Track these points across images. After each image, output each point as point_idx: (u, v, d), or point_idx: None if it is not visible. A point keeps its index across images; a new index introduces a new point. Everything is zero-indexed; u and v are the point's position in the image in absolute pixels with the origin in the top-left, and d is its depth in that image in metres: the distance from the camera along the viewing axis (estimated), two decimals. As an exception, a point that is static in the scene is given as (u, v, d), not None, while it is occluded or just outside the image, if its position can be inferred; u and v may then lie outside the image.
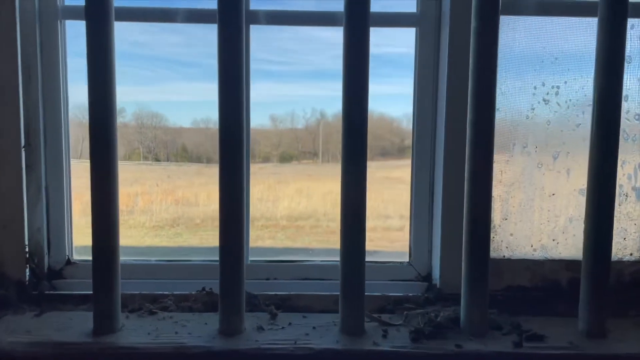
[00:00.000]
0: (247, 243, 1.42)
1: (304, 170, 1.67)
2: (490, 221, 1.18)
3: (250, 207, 1.45)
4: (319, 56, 1.54)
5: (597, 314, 1.19)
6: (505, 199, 1.39)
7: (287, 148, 1.64)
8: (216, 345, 1.12)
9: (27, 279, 1.35)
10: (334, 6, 1.40)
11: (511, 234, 1.40)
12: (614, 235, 1.20)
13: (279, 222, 1.61)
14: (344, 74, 1.13)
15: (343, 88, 1.13)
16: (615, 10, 1.10)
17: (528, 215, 1.40)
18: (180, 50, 1.52)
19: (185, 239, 1.59)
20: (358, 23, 1.11)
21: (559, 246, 1.40)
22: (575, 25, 1.35)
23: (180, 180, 1.63)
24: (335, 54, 1.52)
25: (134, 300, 1.32)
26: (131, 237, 1.58)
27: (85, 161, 1.44)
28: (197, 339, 1.15)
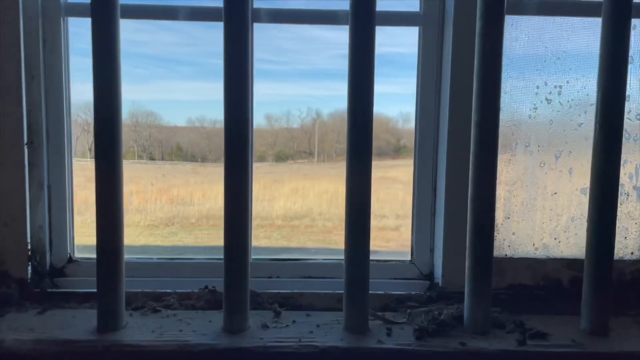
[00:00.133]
0: (250, 241, 1.42)
1: (300, 170, 1.67)
2: (494, 221, 1.19)
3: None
4: (315, 56, 1.54)
5: (600, 312, 1.19)
6: (507, 198, 1.40)
7: (283, 147, 1.64)
8: (221, 343, 1.12)
9: (29, 276, 1.35)
10: (332, 5, 1.40)
11: (513, 232, 1.40)
12: (615, 235, 1.21)
13: (274, 222, 1.61)
14: (349, 73, 1.13)
15: (349, 87, 1.13)
16: (620, 11, 1.10)
17: (530, 214, 1.40)
18: (174, 49, 1.52)
19: (181, 238, 1.59)
20: (364, 23, 1.11)
21: (561, 245, 1.41)
22: (576, 25, 1.36)
23: (175, 179, 1.62)
24: (331, 53, 1.52)
25: (137, 298, 1.32)
26: (126, 237, 1.55)
27: (80, 160, 1.44)
28: (202, 336, 1.15)
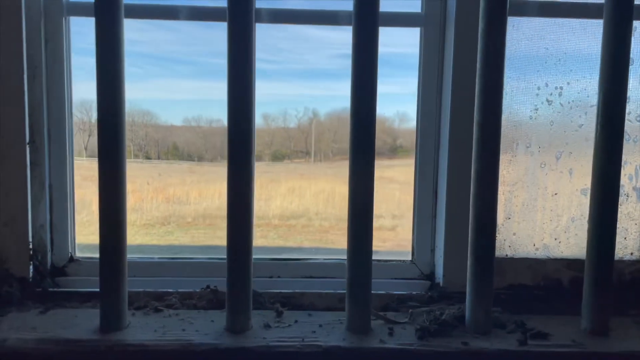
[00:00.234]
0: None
1: (296, 169, 1.67)
2: (496, 221, 1.19)
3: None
4: (312, 55, 1.54)
5: (600, 312, 1.20)
6: (508, 199, 1.40)
7: (280, 147, 1.64)
8: (224, 343, 1.12)
9: (31, 276, 1.35)
10: (332, 5, 1.40)
11: (514, 233, 1.41)
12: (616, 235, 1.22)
13: (271, 221, 1.61)
14: (352, 73, 1.13)
15: (351, 87, 1.13)
16: (622, 13, 1.11)
17: (531, 215, 1.41)
18: (171, 48, 1.51)
19: (177, 237, 1.59)
20: (367, 23, 1.11)
21: (561, 245, 1.42)
22: (577, 26, 1.36)
23: (171, 178, 1.62)
24: (328, 53, 1.52)
25: (139, 297, 1.32)
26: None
27: (77, 159, 1.44)
28: (205, 336, 1.15)
